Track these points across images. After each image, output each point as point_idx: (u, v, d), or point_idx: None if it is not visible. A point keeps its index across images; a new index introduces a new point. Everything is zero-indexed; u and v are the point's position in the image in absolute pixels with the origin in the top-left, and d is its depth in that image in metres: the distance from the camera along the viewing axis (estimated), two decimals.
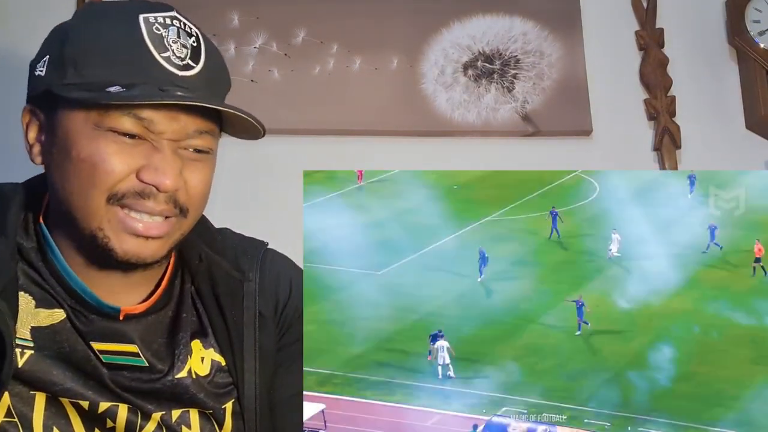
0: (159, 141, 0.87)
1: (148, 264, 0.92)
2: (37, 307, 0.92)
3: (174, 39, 0.88)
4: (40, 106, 0.92)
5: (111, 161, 0.86)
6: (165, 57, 0.87)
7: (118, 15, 0.89)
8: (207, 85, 0.91)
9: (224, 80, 0.98)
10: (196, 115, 0.89)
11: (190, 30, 0.91)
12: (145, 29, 0.87)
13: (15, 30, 2.16)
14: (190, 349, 0.99)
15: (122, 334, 0.94)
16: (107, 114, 0.85)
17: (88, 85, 0.85)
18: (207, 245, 1.05)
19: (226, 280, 1.04)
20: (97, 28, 0.88)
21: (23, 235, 0.94)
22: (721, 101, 2.24)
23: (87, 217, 0.88)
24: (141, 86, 0.85)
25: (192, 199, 0.92)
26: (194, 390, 0.98)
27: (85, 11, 0.94)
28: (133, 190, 0.87)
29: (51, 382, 0.90)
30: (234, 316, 1.03)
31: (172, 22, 0.90)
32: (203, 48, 0.92)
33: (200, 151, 0.92)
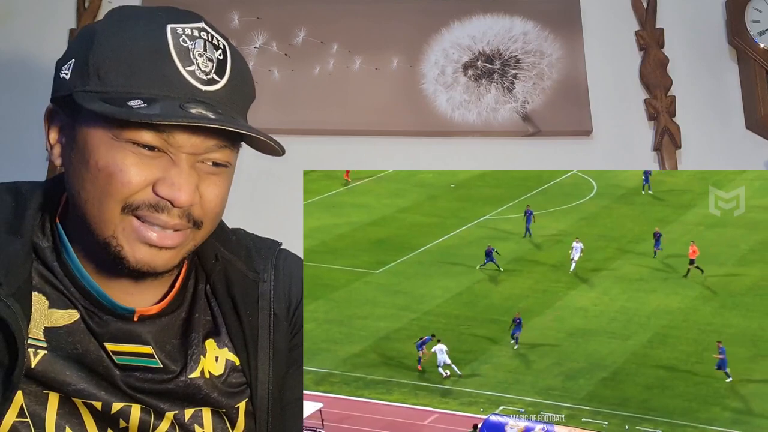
0: (177, 154, 0.87)
1: (159, 273, 0.92)
2: (51, 307, 0.93)
3: (200, 52, 0.88)
4: (62, 109, 0.92)
5: (128, 172, 0.85)
6: (190, 71, 0.87)
7: (146, 24, 0.88)
8: (230, 100, 0.90)
9: (248, 94, 0.97)
10: (216, 131, 0.88)
11: (217, 42, 0.91)
12: (171, 41, 0.87)
13: (16, 29, 2.16)
14: (203, 348, 1.00)
15: (137, 335, 0.95)
16: (127, 126, 0.85)
17: (110, 95, 0.85)
18: (222, 245, 1.06)
19: (241, 281, 1.05)
20: (124, 36, 0.88)
21: (39, 235, 0.94)
22: (721, 101, 2.24)
23: (101, 224, 0.88)
24: (163, 101, 0.84)
25: (207, 213, 0.92)
26: (207, 390, 0.98)
27: (114, 15, 0.92)
28: (148, 203, 0.87)
29: (64, 382, 0.91)
30: (249, 316, 1.03)
31: (199, 34, 0.89)
32: (229, 61, 0.91)
33: (218, 164, 0.91)
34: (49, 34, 2.14)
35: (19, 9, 2.16)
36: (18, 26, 2.14)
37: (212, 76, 0.88)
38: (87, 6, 2.17)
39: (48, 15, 2.18)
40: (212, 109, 0.86)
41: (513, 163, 2.19)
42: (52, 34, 2.14)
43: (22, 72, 2.14)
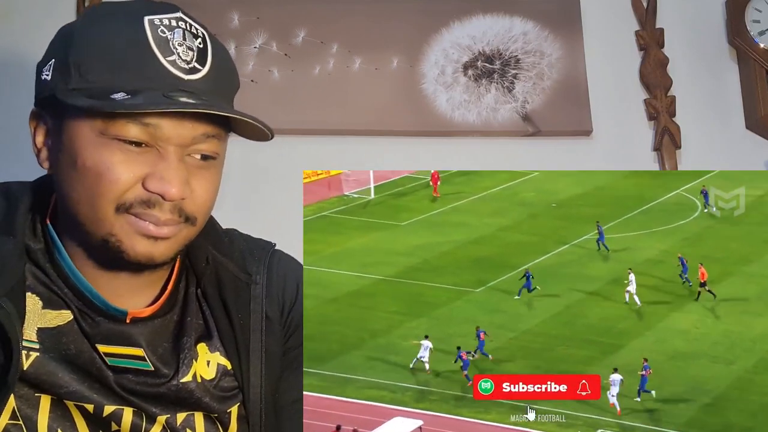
0: (165, 147, 0.86)
1: (156, 265, 0.92)
2: (44, 308, 0.92)
3: (179, 42, 0.87)
4: (46, 110, 0.91)
5: (116, 170, 0.85)
6: (170, 61, 0.86)
7: (123, 17, 0.88)
8: (214, 88, 0.90)
9: (232, 82, 0.97)
10: (202, 120, 0.88)
11: (196, 31, 0.90)
12: (150, 32, 0.86)
13: (17, 29, 2.16)
14: (195, 353, 0.99)
15: (128, 337, 0.94)
16: (113, 121, 0.84)
17: (93, 91, 0.84)
18: (214, 247, 1.05)
19: (233, 283, 1.03)
20: (101, 32, 0.87)
21: (30, 236, 0.94)
22: (721, 101, 2.24)
23: (95, 223, 0.88)
24: (146, 92, 0.84)
25: (200, 208, 0.92)
26: (199, 394, 0.97)
27: (90, 13, 0.92)
28: (139, 199, 0.86)
29: (56, 384, 0.90)
30: (241, 320, 1.02)
31: (177, 23, 0.88)
32: (210, 49, 0.90)
33: (207, 157, 0.91)
34: (49, 34, 2.11)
35: (18, 8, 2.15)
36: (17, 26, 2.14)
37: (194, 65, 0.88)
38: (87, 6, 2.17)
39: (48, 14, 2.18)
40: (196, 98, 0.86)
41: (512, 162, 2.19)
42: (51, 33, 2.11)
43: (21, 72, 2.13)
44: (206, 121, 0.88)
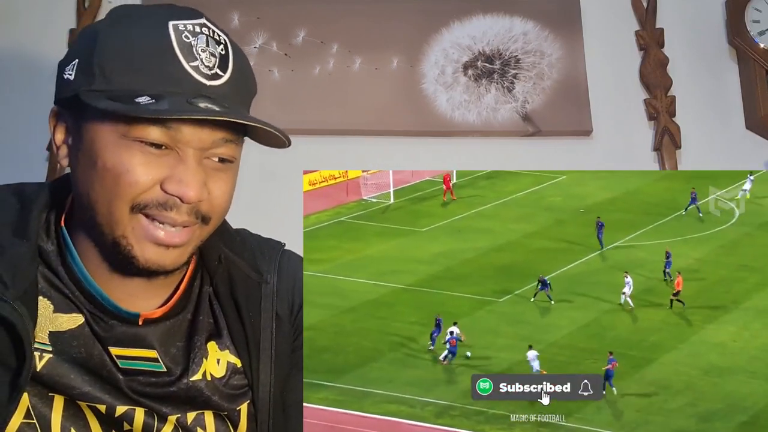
0: (185, 150, 0.87)
1: (168, 272, 0.93)
2: (56, 311, 0.92)
3: (203, 48, 0.88)
4: (67, 109, 0.92)
5: (136, 172, 0.85)
6: (194, 66, 0.87)
7: (148, 21, 0.88)
8: (234, 93, 0.91)
9: (250, 88, 0.98)
10: (222, 125, 0.88)
11: (218, 37, 0.91)
12: (174, 37, 0.87)
13: (16, 29, 2.16)
14: (205, 351, 1.00)
15: (142, 339, 0.95)
16: (135, 124, 0.85)
17: (116, 94, 0.85)
18: (226, 246, 1.05)
19: (245, 282, 1.04)
20: (126, 35, 0.88)
21: (44, 238, 0.94)
22: (720, 101, 2.25)
23: (111, 224, 0.88)
24: (169, 97, 0.84)
25: (215, 209, 0.93)
26: (209, 392, 0.98)
27: (116, 14, 0.92)
28: (156, 201, 0.87)
29: (69, 385, 0.91)
30: (252, 318, 1.03)
31: (201, 29, 0.89)
32: (231, 56, 0.91)
33: (224, 160, 0.92)
34: (49, 34, 2.14)
35: (19, 9, 2.16)
36: (18, 26, 2.14)
37: (216, 71, 0.88)
38: (87, 6, 2.17)
39: (48, 15, 2.18)
40: (218, 104, 0.87)
41: (512, 162, 2.19)
42: (52, 34, 2.14)
43: (22, 72, 2.14)
44: (225, 126, 0.89)
